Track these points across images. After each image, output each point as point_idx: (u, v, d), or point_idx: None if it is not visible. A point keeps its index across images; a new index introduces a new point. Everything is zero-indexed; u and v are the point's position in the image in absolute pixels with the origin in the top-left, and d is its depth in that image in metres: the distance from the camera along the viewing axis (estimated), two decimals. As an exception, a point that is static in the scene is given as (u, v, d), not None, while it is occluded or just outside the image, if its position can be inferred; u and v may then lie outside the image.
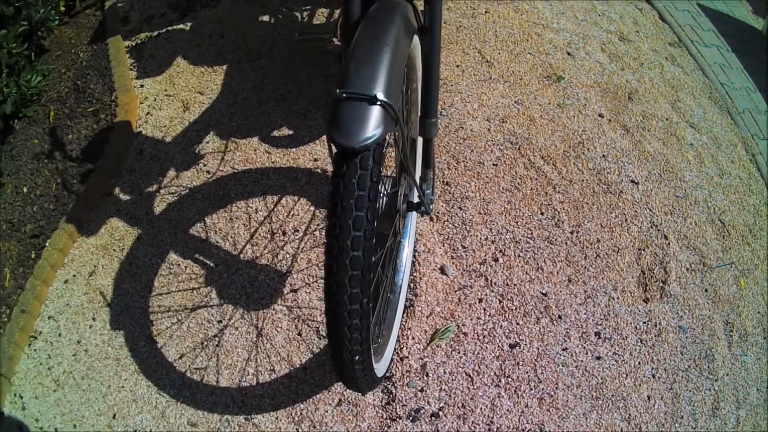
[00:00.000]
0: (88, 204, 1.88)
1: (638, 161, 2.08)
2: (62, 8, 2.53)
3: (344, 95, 0.97)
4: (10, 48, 2.04)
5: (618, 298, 1.73)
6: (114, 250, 1.77)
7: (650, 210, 1.95)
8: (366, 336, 1.08)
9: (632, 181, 2.00)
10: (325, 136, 1.97)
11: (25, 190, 1.96)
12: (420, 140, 1.45)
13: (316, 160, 1.89)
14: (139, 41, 2.48)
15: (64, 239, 1.78)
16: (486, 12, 2.59)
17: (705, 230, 1.99)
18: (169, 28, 2.54)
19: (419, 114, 1.34)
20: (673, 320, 1.73)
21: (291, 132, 1.99)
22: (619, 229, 1.85)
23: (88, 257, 1.77)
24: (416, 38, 1.24)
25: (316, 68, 2.24)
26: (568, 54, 2.44)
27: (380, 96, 0.97)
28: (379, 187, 1.05)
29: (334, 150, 0.98)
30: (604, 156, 2.03)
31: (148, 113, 2.14)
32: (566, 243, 1.76)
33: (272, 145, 1.96)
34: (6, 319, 1.64)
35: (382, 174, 1.12)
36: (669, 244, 1.88)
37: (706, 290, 1.83)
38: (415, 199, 1.41)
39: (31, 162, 2.04)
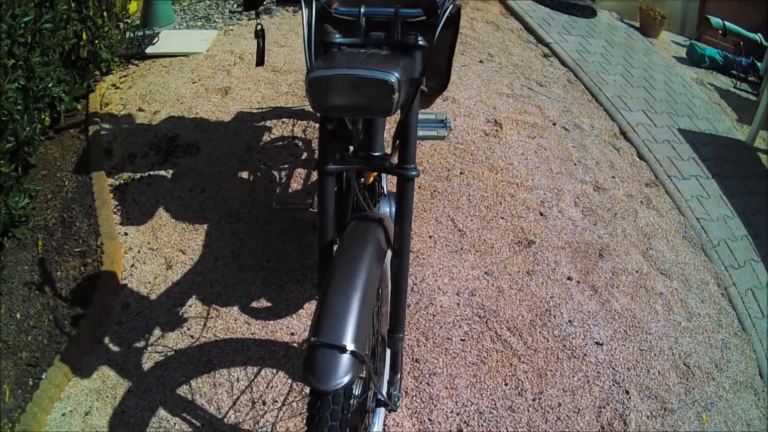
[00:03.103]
0: (79, 349, 2.18)
1: (604, 321, 2.43)
2: (47, 121, 2.83)
3: (317, 343, 1.21)
4: (-2, 166, 2.31)
5: (577, 457, 2.03)
6: (107, 396, 2.07)
7: (613, 368, 2.27)
8: None
9: (597, 343, 2.34)
10: (300, 311, 2.32)
11: (18, 316, 2.24)
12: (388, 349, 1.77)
13: (293, 334, 2.25)
14: (122, 181, 2.86)
15: (59, 377, 2.08)
16: (461, 173, 3.01)
17: (668, 377, 2.31)
18: (151, 172, 2.92)
19: (387, 328, 1.65)
20: (629, 466, 2.02)
21: (269, 304, 2.36)
22: (581, 391, 2.18)
23: (83, 397, 2.07)
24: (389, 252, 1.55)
25: (292, 236, 2.63)
26: (541, 214, 2.84)
27: (349, 346, 1.17)
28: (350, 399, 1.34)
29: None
30: (570, 321, 2.37)
31: (132, 265, 2.50)
32: (528, 410, 2.09)
33: (251, 316, 2.31)
34: (9, 432, 1.94)
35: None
36: (630, 397, 2.20)
37: None
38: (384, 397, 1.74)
39: (22, 288, 2.30)
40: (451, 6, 1.54)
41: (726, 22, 6.01)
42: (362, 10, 1.56)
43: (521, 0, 5.42)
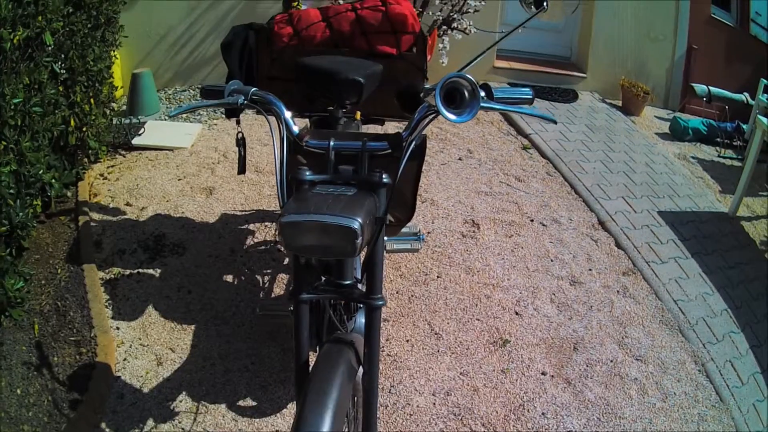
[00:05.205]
0: (78, 431, 2.50)
1: (577, 411, 2.86)
2: (39, 207, 3.09)
3: None
4: (-6, 250, 2.57)
5: None
6: (107, 479, 2.45)
7: (586, 455, 2.69)
8: None
9: (569, 432, 2.76)
10: (284, 410, 2.69)
11: (18, 391, 2.44)
12: None
13: (277, 431, 2.66)
14: (113, 276, 3.25)
15: (61, 454, 2.43)
16: (438, 276, 3.52)
17: (642, 457, 2.73)
18: (140, 270, 3.31)
19: None
20: None
21: (254, 403, 2.75)
22: (552, 480, 2.59)
23: (84, 476, 2.43)
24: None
25: (276, 340, 3.05)
26: (516, 314, 3.32)
27: None
28: None
29: None
30: (543, 414, 2.81)
31: (125, 359, 2.79)
32: (503, 500, 2.50)
33: (238, 413, 2.69)
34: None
35: None
36: (600, 482, 2.60)
37: None
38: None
39: (21, 367, 2.57)
40: (416, 138, 1.81)
41: (711, 88, 6.62)
42: (331, 143, 1.83)
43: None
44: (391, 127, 4.06)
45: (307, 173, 1.74)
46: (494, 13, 6.07)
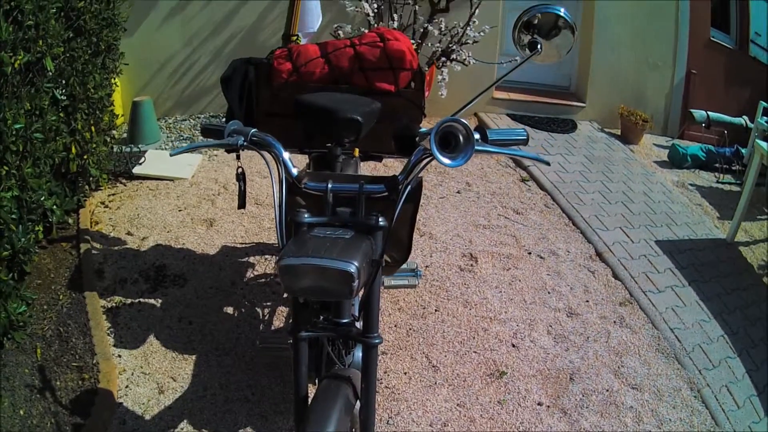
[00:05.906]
0: None
1: (573, 440, 2.97)
2: (41, 234, 3.16)
3: None
4: (-3, 274, 2.65)
5: None
6: (113, 500, 2.57)
7: (579, 483, 2.81)
8: None
9: (564, 461, 2.88)
10: None
11: (21, 413, 2.50)
12: None
13: None
14: (114, 305, 3.37)
15: (65, 476, 2.54)
16: (436, 310, 3.66)
17: (632, 482, 2.85)
18: (141, 300, 3.43)
19: None
20: None
21: None
22: (550, 508, 2.71)
23: (90, 497, 2.56)
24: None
25: (275, 371, 3.16)
26: (513, 346, 3.45)
27: None
28: None
29: None
30: (538, 443, 2.93)
31: (127, 386, 2.89)
32: None
33: None
34: None
35: None
36: None
37: None
38: None
39: (24, 389, 2.64)
40: (412, 181, 1.89)
41: (710, 113, 6.76)
42: (329, 186, 1.92)
43: (500, 119, 6.20)
44: (389, 162, 4.24)
45: (305, 216, 1.83)
46: (493, 44, 6.27)
